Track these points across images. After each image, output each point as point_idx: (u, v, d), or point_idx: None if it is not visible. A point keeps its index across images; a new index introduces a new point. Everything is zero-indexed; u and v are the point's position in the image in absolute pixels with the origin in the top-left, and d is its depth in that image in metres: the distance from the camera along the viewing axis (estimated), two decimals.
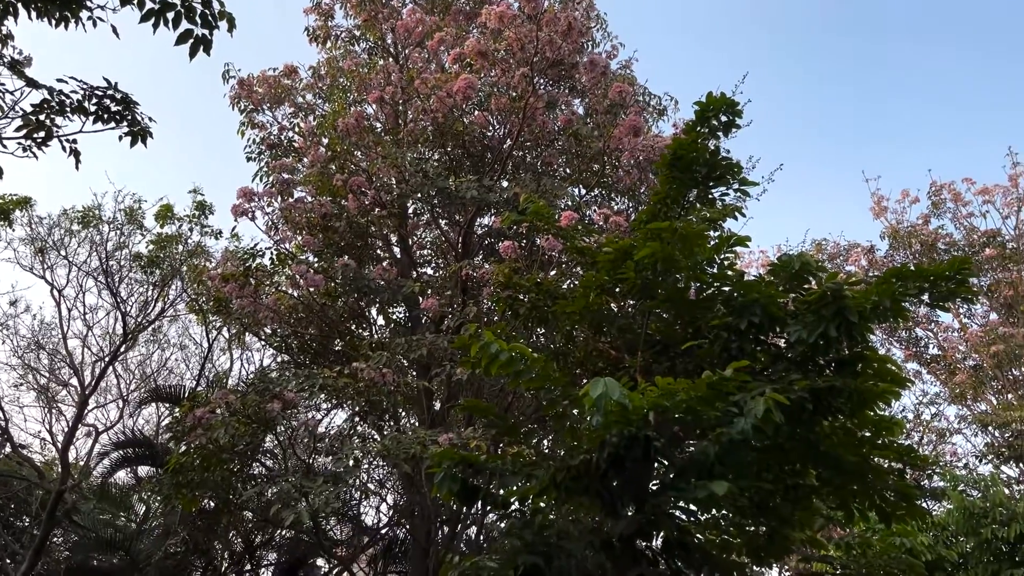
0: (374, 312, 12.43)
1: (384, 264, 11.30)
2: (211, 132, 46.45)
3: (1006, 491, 15.33)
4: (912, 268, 6.05)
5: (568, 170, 12.65)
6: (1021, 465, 17.29)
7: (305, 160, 12.20)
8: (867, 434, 6.43)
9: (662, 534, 6.09)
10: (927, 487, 16.26)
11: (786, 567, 13.35)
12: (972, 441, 19.18)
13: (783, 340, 6.59)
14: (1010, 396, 18.41)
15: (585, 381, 5.66)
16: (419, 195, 11.44)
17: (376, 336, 12.15)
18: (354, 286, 10.84)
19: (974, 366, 19.64)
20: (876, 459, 6.52)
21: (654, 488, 6.15)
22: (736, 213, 7.15)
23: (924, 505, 16.22)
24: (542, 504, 6.47)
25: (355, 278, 10.71)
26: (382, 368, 9.26)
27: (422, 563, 10.74)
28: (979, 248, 19.84)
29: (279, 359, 12.76)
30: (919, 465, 6.83)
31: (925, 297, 6.39)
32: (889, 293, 5.94)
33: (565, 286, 9.00)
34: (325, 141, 12.47)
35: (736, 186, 6.98)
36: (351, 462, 8.95)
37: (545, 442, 9.09)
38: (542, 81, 11.73)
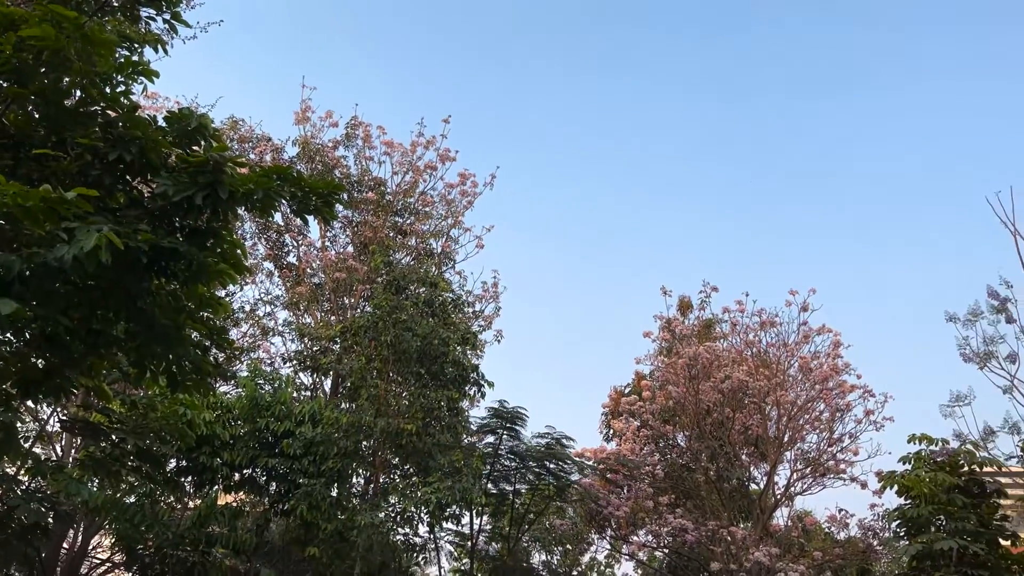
0: None
1: None
2: None
3: (294, 394, 17.34)
4: (294, 174, 6.36)
5: None
6: (315, 376, 19.75)
7: None
8: (191, 305, 6.54)
9: None
10: (229, 370, 17.48)
11: (63, 410, 12.87)
12: (288, 345, 21.23)
13: (149, 189, 6.31)
14: (332, 319, 20.90)
15: None
16: None
17: None
18: None
19: (317, 284, 21.80)
20: (190, 330, 6.68)
21: None
22: (158, 45, 6.61)
23: (217, 385, 17.35)
24: None
25: None
26: None
27: None
28: (365, 189, 22.10)
29: None
30: (226, 348, 7.23)
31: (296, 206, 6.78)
32: (265, 186, 6.13)
33: None
34: None
35: (168, 16, 6.44)
36: None
37: None
38: None
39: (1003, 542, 19.79)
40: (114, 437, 10.62)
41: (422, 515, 15.36)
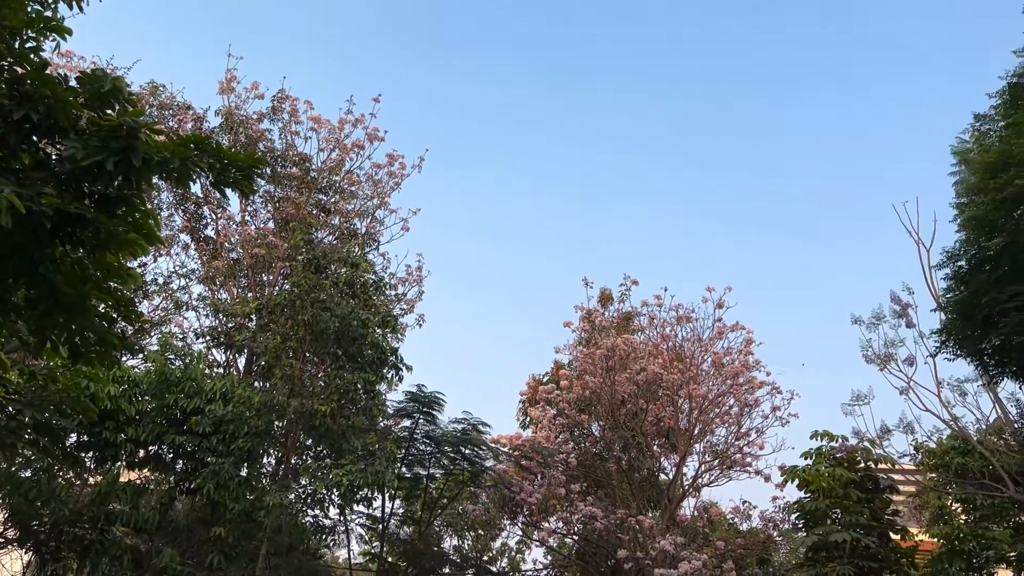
0: None
1: None
2: None
3: (206, 371, 16.90)
4: (213, 144, 6.17)
5: None
6: (229, 353, 19.30)
7: None
8: (98, 274, 6.29)
9: None
10: (138, 343, 16.92)
11: None
12: (202, 320, 20.64)
13: (57, 152, 6.03)
14: (249, 295, 20.45)
15: None
16: None
17: None
18: None
19: (235, 259, 21.27)
20: (96, 301, 6.43)
21: None
22: (73, 1, 6.31)
23: (125, 359, 16.79)
24: None
25: None
26: None
27: None
28: (289, 164, 21.63)
29: None
30: (134, 320, 6.99)
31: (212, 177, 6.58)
32: (182, 155, 5.93)
33: None
34: None
35: None
36: None
37: None
38: None
39: (893, 536, 20.82)
40: (10, 408, 10.16)
41: (333, 497, 15.23)
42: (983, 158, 12.49)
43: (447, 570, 24.19)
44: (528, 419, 24.19)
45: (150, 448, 14.59)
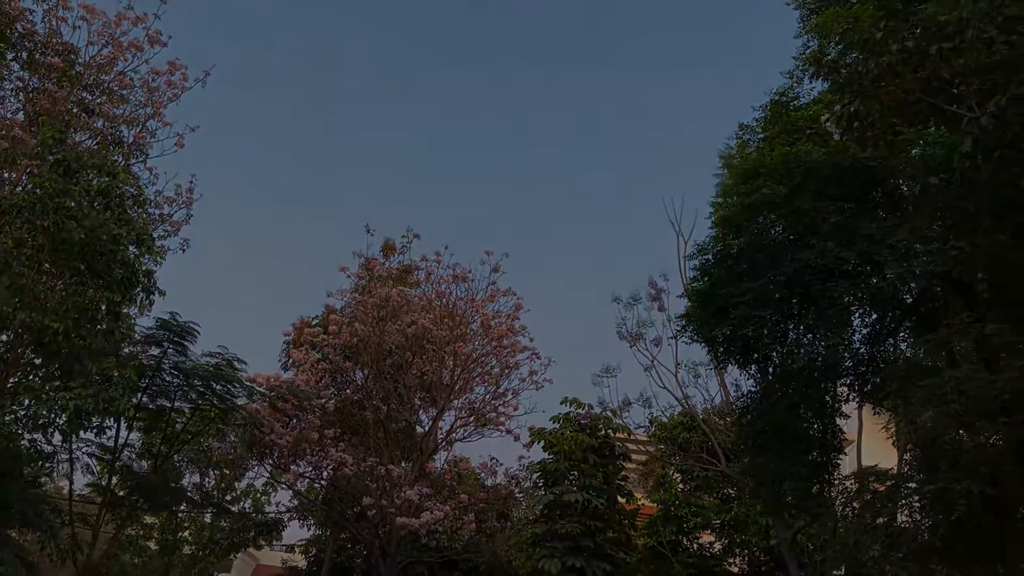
0: None
1: None
2: None
3: None
4: None
5: None
6: None
7: None
8: None
9: None
10: None
11: None
12: None
13: None
14: None
15: None
16: None
17: None
18: None
19: None
20: None
21: None
22: None
23: None
24: None
25: None
26: None
27: None
28: (51, 53, 19.29)
29: None
30: None
31: None
32: None
33: None
34: None
35: None
36: None
37: None
38: None
39: (620, 499, 22.66)
40: None
41: (58, 422, 13.97)
42: (741, 164, 13.67)
43: (184, 507, 23.23)
44: (291, 361, 23.57)
45: None
